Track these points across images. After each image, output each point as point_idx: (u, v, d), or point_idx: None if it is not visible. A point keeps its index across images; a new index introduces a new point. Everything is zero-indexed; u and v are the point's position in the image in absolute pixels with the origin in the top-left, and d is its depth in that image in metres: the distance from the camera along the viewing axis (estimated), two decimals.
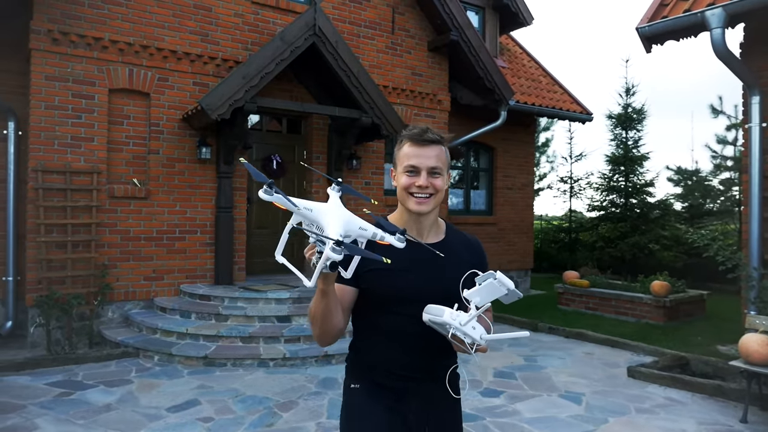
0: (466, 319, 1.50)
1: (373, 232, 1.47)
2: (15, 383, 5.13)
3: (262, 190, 1.30)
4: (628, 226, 12.05)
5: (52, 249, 6.30)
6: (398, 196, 1.79)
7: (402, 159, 1.77)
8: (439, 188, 1.75)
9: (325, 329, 1.66)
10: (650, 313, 7.94)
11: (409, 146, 1.76)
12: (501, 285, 1.48)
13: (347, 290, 1.74)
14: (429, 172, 1.73)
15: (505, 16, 11.27)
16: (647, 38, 5.77)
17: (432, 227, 1.83)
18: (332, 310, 1.61)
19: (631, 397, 5.03)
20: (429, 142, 1.74)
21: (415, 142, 1.75)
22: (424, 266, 1.77)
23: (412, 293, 1.72)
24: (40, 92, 6.28)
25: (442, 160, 1.76)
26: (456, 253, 1.82)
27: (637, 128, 12.82)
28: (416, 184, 1.73)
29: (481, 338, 1.51)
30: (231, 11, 7.39)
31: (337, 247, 1.30)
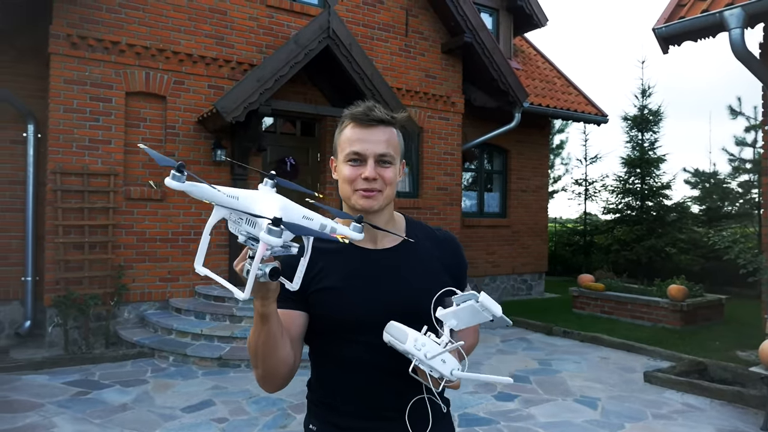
0: (435, 352, 1.19)
1: (321, 223, 1.14)
2: (33, 382, 5.20)
3: (170, 176, 0.98)
4: (645, 229, 11.92)
5: (70, 250, 6.38)
6: (341, 192, 1.44)
7: (343, 144, 1.41)
8: (390, 180, 1.39)
9: (269, 366, 1.29)
10: (667, 318, 7.85)
11: (352, 128, 1.40)
12: (484, 310, 1.20)
13: (294, 315, 1.38)
14: (377, 160, 1.38)
15: (519, 17, 11.22)
16: (664, 39, 5.71)
17: (387, 227, 1.44)
18: (277, 340, 1.25)
19: (648, 402, 4.97)
20: (377, 121, 1.38)
21: (359, 122, 1.39)
22: (381, 278, 1.41)
23: (369, 315, 1.36)
24: (58, 95, 6.37)
25: (394, 145, 1.41)
26: (422, 255, 1.47)
27: (653, 130, 12.69)
28: (362, 176, 1.37)
29: (452, 374, 1.20)
30: (246, 15, 7.44)
31: (274, 227, 0.98)
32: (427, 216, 9.01)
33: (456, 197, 9.38)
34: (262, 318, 1.21)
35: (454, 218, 9.34)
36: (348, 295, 1.39)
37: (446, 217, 9.19)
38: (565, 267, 14.30)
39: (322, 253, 1.40)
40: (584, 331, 7.47)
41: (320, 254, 1.39)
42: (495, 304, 1.22)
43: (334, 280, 1.40)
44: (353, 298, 1.39)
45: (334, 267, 1.41)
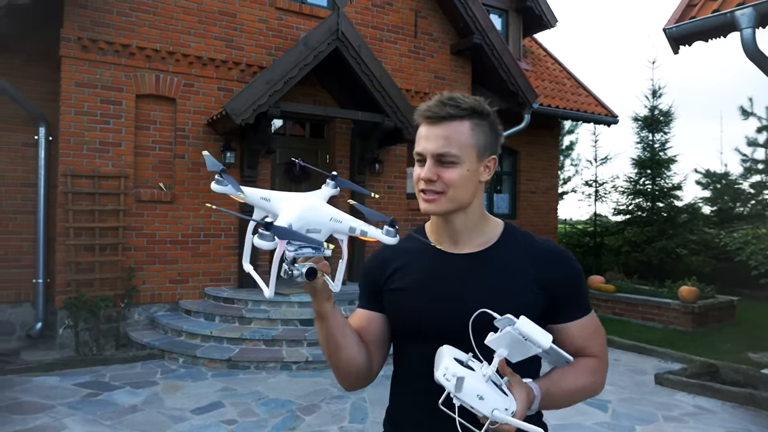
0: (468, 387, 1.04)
1: (351, 225, 1.12)
2: (44, 383, 5.24)
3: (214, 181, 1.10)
4: (655, 230, 11.82)
5: (81, 252, 6.42)
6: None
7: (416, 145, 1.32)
8: (451, 182, 1.25)
9: (334, 364, 1.29)
10: (678, 319, 7.78)
11: (422, 126, 1.30)
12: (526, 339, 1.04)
13: (370, 317, 1.36)
14: (436, 159, 1.25)
15: (528, 18, 11.19)
16: (675, 39, 5.66)
17: (473, 232, 1.33)
18: (337, 340, 1.25)
19: (659, 404, 4.93)
20: (438, 118, 1.26)
21: (424, 119, 1.28)
22: (450, 283, 1.29)
23: (428, 322, 1.27)
24: (69, 98, 6.42)
25: (459, 141, 1.25)
26: (507, 264, 1.30)
27: (663, 131, 12.58)
28: (421, 177, 1.27)
29: (493, 414, 1.03)
30: (255, 17, 7.46)
31: (265, 231, 1.00)
32: None
33: None
34: (318, 316, 1.23)
35: None
36: (409, 297, 1.31)
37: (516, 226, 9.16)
38: None
39: (403, 252, 1.36)
40: None
41: (401, 253, 1.33)
42: (540, 333, 1.04)
43: (407, 281, 1.34)
44: (417, 301, 1.30)
45: (410, 267, 1.35)
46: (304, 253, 1.08)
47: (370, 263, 1.45)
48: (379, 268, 1.40)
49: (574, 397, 1.30)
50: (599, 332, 1.37)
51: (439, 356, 1.12)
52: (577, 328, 1.32)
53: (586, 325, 1.33)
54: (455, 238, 1.34)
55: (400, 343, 1.37)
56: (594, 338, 1.34)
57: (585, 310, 1.34)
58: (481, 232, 1.35)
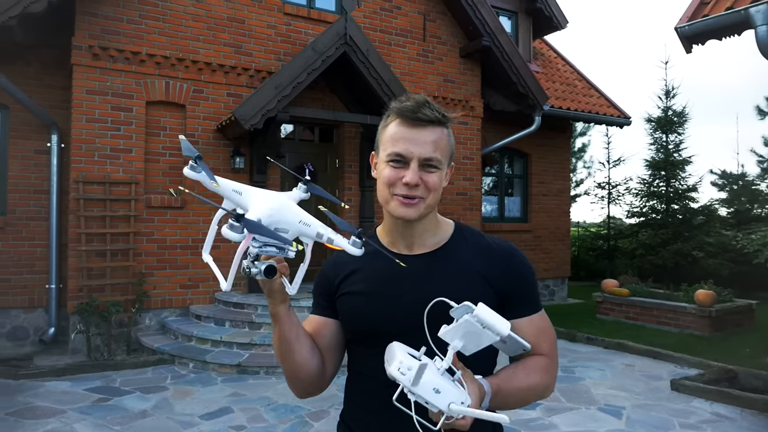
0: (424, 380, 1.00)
1: (318, 231, 1.09)
2: (56, 388, 5.26)
3: (188, 166, 1.07)
4: (670, 233, 11.67)
5: (93, 257, 6.46)
6: (378, 194, 1.30)
7: (386, 142, 1.26)
8: (434, 187, 1.25)
9: (286, 369, 1.27)
10: (694, 324, 7.64)
11: (398, 125, 1.25)
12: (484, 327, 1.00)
13: (321, 322, 1.34)
14: (422, 164, 1.23)
15: (538, 20, 11.12)
16: (687, 38, 5.58)
17: (426, 233, 1.34)
18: (291, 343, 1.23)
19: (675, 411, 4.83)
20: (427, 121, 1.23)
21: (407, 119, 1.24)
22: (405, 286, 1.27)
23: (383, 324, 1.25)
24: (81, 106, 6.47)
25: (443, 148, 1.25)
26: (459, 264, 1.30)
27: (678, 131, 12.44)
28: (403, 180, 1.22)
29: (450, 408, 1.00)
30: (264, 23, 7.49)
31: (235, 222, 0.98)
32: None
33: (476, 202, 9.29)
34: (272, 318, 1.22)
35: (474, 223, 9.24)
36: (363, 301, 1.30)
37: (466, 223, 9.08)
38: (589, 272, 14.08)
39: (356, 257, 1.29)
40: (608, 337, 7.31)
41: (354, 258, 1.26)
42: (499, 320, 1.01)
43: (360, 285, 1.33)
44: (372, 304, 1.29)
45: (364, 271, 1.33)
46: (268, 251, 1.06)
47: (323, 268, 1.44)
48: (332, 273, 1.38)
49: (525, 396, 1.27)
50: (549, 331, 1.35)
51: (391, 352, 1.09)
52: (526, 325, 1.30)
53: (535, 322, 1.32)
54: (411, 242, 1.33)
55: (354, 347, 1.36)
56: (543, 337, 1.32)
57: (535, 307, 1.34)
58: (435, 233, 1.35)
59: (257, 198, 1.12)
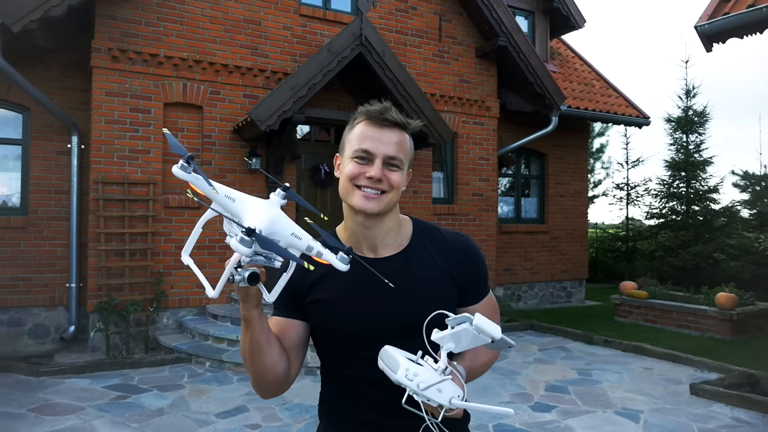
0: (429, 382, 1.10)
1: (309, 244, 1.13)
2: (75, 386, 5.35)
3: (178, 165, 1.04)
4: (691, 235, 11.49)
5: (112, 257, 6.55)
6: (340, 191, 1.37)
7: (352, 141, 1.36)
8: (396, 184, 1.33)
9: (255, 372, 1.30)
10: (715, 327, 7.51)
11: (365, 125, 1.35)
12: (481, 332, 1.11)
13: (290, 324, 1.37)
14: (385, 161, 1.33)
15: (555, 19, 11.03)
16: (707, 37, 5.49)
17: (389, 234, 1.40)
18: (261, 346, 1.26)
19: (694, 416, 4.75)
20: (392, 123, 1.35)
21: (374, 120, 1.35)
22: (374, 289, 1.32)
23: (356, 329, 1.33)
24: (100, 107, 6.57)
25: (405, 150, 1.36)
26: (424, 263, 1.40)
27: (698, 132, 12.25)
28: (366, 174, 1.31)
29: (451, 403, 1.11)
30: (280, 24, 7.53)
31: (246, 237, 1.00)
32: (463, 222, 8.91)
33: (492, 203, 9.24)
34: (244, 322, 1.23)
35: (490, 224, 9.20)
36: (338, 307, 1.35)
37: (482, 224, 9.06)
38: (607, 274, 13.92)
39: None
40: (626, 340, 7.22)
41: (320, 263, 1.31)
42: (492, 326, 1.12)
43: (328, 292, 1.37)
44: (342, 310, 1.34)
45: (331, 277, 1.34)
46: (257, 260, 1.08)
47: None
48: (299, 277, 1.35)
49: (485, 369, 1.45)
50: (496, 309, 1.50)
51: (390, 358, 1.15)
52: (480, 308, 1.42)
53: (486, 304, 1.46)
54: (374, 243, 1.40)
55: (327, 348, 1.42)
56: (494, 315, 1.46)
57: (486, 291, 1.48)
58: (397, 235, 1.42)
59: (251, 208, 1.12)
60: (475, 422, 4.52)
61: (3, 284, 6.70)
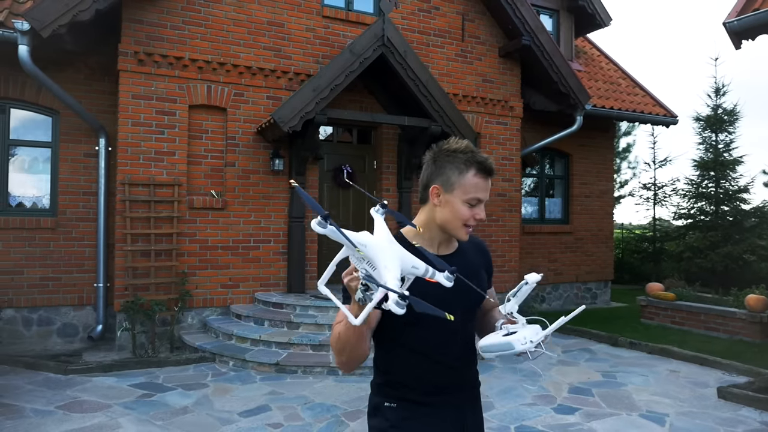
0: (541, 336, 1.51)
1: (424, 270, 1.36)
2: (102, 384, 5.45)
3: (316, 221, 1.25)
4: (720, 236, 11.24)
5: (138, 257, 6.67)
6: (442, 219, 1.69)
7: (467, 187, 1.65)
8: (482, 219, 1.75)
9: (353, 357, 1.58)
10: (744, 330, 7.34)
11: (476, 175, 1.66)
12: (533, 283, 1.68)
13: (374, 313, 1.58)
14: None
15: (580, 17, 10.89)
16: (736, 33, 5.38)
17: (451, 238, 1.79)
18: (364, 338, 1.55)
19: (722, 420, 4.64)
20: (492, 173, 1.70)
21: (484, 173, 1.67)
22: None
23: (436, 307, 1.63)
24: (127, 110, 6.70)
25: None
26: (470, 258, 1.81)
27: (728, 130, 11.98)
28: (477, 217, 1.67)
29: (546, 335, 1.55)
30: (303, 26, 7.58)
31: (401, 301, 1.19)
32: (486, 223, 8.80)
33: (515, 203, 9.17)
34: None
35: (514, 225, 9.13)
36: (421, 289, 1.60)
37: (505, 224, 8.99)
38: (633, 275, 13.69)
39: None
40: (652, 342, 7.09)
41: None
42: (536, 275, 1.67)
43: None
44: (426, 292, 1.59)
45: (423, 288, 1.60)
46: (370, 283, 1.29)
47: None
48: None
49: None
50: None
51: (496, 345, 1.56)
52: (492, 290, 1.94)
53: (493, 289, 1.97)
54: (442, 245, 1.77)
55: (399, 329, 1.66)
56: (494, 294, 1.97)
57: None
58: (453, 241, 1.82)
59: (382, 252, 1.30)
60: (497, 423, 4.48)
61: (33, 284, 6.88)
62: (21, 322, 6.87)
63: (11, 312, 6.77)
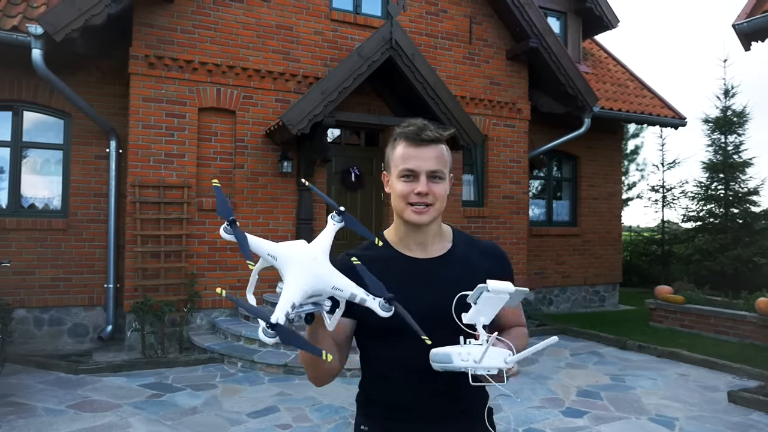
0: (480, 353, 1.25)
1: (351, 293, 1.20)
2: (112, 384, 5.50)
3: (222, 227, 1.16)
4: (729, 238, 11.18)
5: (147, 258, 6.72)
6: (393, 206, 1.56)
7: (396, 161, 1.52)
8: (440, 196, 1.51)
9: (317, 374, 1.48)
10: (755, 333, 7.29)
11: (405, 146, 1.51)
12: (498, 293, 1.28)
13: (340, 323, 1.45)
14: (428, 176, 1.49)
15: (588, 20, 10.88)
16: (746, 35, 5.36)
17: (435, 237, 1.58)
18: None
19: (732, 424, 4.62)
20: (428, 141, 1.50)
21: (412, 141, 1.50)
22: (423, 286, 1.50)
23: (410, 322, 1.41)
24: (137, 113, 6.76)
25: (444, 161, 1.52)
26: (466, 264, 1.57)
27: (737, 132, 11.91)
28: (415, 191, 1.48)
29: (506, 361, 1.27)
30: (311, 29, 7.62)
31: (269, 330, 1.06)
32: (493, 225, 8.85)
33: (523, 206, 9.16)
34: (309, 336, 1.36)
35: (521, 227, 9.12)
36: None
37: (512, 226, 8.99)
38: (642, 278, 13.63)
39: (371, 261, 1.44)
40: (662, 345, 7.06)
41: (369, 262, 1.41)
42: (504, 284, 1.29)
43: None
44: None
45: (380, 275, 1.40)
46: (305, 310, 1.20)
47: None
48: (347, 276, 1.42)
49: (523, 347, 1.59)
50: (521, 309, 1.71)
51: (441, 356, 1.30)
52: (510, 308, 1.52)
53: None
54: (424, 244, 1.57)
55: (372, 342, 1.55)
56: (521, 314, 1.70)
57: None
58: (441, 238, 1.61)
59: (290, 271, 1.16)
60: (504, 426, 4.49)
61: (44, 284, 6.94)
62: (32, 322, 6.94)
63: (23, 312, 6.84)
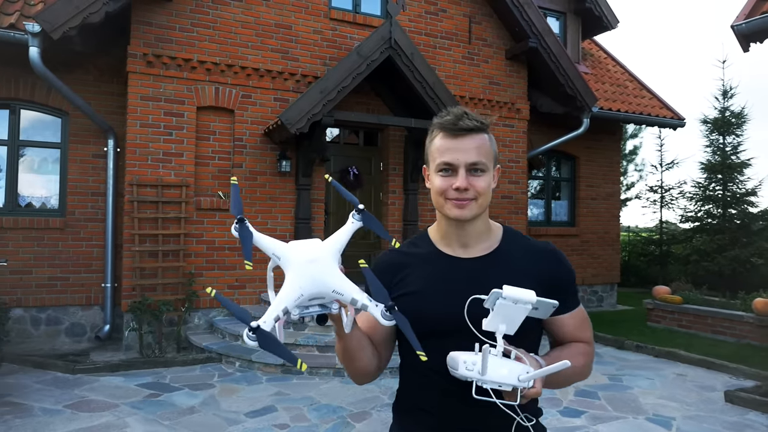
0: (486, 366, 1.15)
1: (353, 298, 1.15)
2: (110, 383, 5.49)
3: (233, 226, 1.18)
4: (727, 239, 11.19)
5: (145, 258, 6.71)
6: (433, 202, 1.43)
7: (434, 154, 1.39)
8: (483, 189, 1.36)
9: (352, 372, 1.42)
10: (752, 333, 7.30)
11: (442, 137, 1.38)
12: (516, 302, 1.15)
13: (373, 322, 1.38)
14: (468, 169, 1.35)
15: (587, 20, 10.88)
16: (744, 36, 5.36)
17: (481, 236, 1.44)
18: (353, 353, 1.35)
19: (729, 424, 4.63)
20: (467, 130, 1.35)
21: (449, 131, 1.37)
22: (462, 286, 1.36)
23: (442, 322, 1.35)
24: (135, 111, 6.74)
25: (486, 152, 1.37)
26: (512, 265, 1.41)
27: (735, 133, 11.92)
28: (453, 186, 1.35)
29: (519, 379, 1.15)
30: (310, 28, 7.61)
31: (251, 333, 1.06)
32: None
33: (521, 206, 9.16)
34: (337, 336, 1.33)
35: (520, 227, 9.12)
36: (425, 300, 1.38)
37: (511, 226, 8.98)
38: (640, 278, 13.65)
39: (410, 257, 1.45)
40: (659, 345, 7.07)
41: (409, 258, 1.42)
42: (526, 292, 1.16)
43: (416, 285, 1.42)
44: (429, 303, 1.38)
45: (419, 272, 1.43)
46: (310, 312, 1.17)
47: (377, 267, 1.47)
48: (388, 273, 1.45)
49: (571, 376, 1.41)
50: (588, 322, 1.52)
51: (453, 360, 1.21)
52: (570, 318, 1.46)
53: (577, 315, 1.48)
54: (466, 243, 1.44)
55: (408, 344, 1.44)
56: (584, 327, 1.49)
57: (576, 302, 1.48)
58: (487, 237, 1.46)
59: (288, 273, 1.15)
60: None
61: (42, 284, 6.93)
62: (29, 322, 6.92)
63: (20, 311, 6.82)
